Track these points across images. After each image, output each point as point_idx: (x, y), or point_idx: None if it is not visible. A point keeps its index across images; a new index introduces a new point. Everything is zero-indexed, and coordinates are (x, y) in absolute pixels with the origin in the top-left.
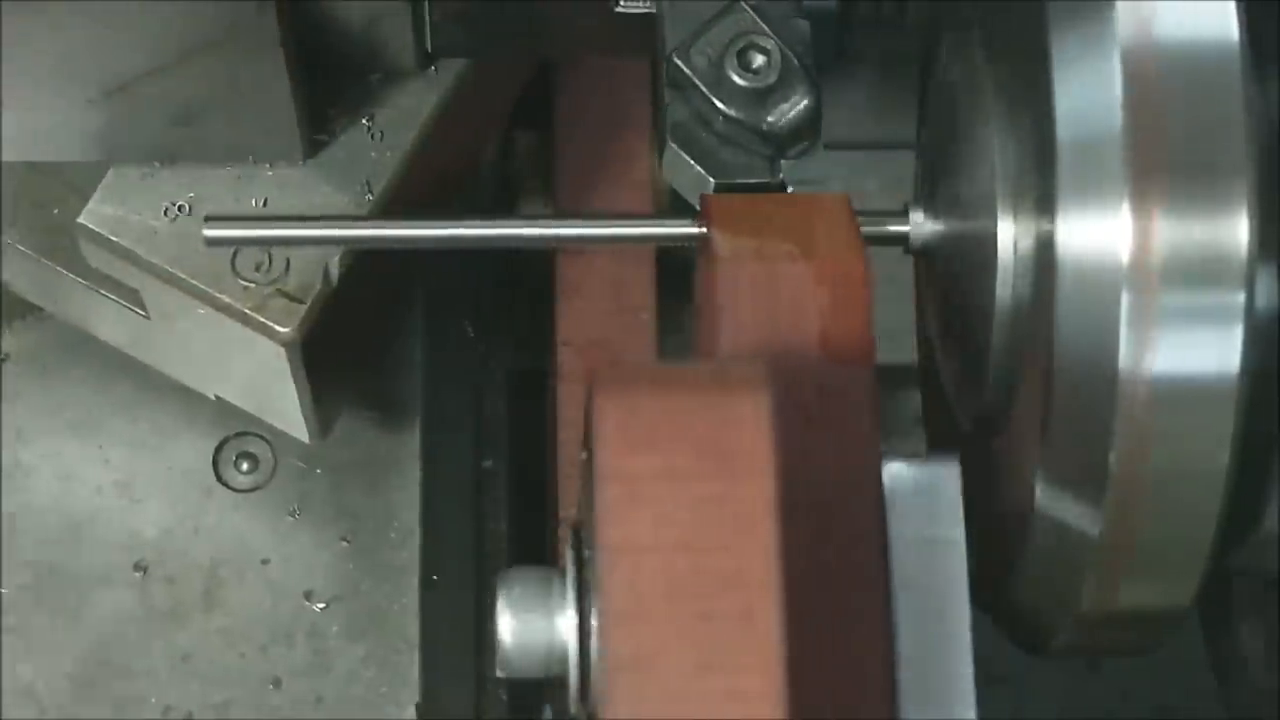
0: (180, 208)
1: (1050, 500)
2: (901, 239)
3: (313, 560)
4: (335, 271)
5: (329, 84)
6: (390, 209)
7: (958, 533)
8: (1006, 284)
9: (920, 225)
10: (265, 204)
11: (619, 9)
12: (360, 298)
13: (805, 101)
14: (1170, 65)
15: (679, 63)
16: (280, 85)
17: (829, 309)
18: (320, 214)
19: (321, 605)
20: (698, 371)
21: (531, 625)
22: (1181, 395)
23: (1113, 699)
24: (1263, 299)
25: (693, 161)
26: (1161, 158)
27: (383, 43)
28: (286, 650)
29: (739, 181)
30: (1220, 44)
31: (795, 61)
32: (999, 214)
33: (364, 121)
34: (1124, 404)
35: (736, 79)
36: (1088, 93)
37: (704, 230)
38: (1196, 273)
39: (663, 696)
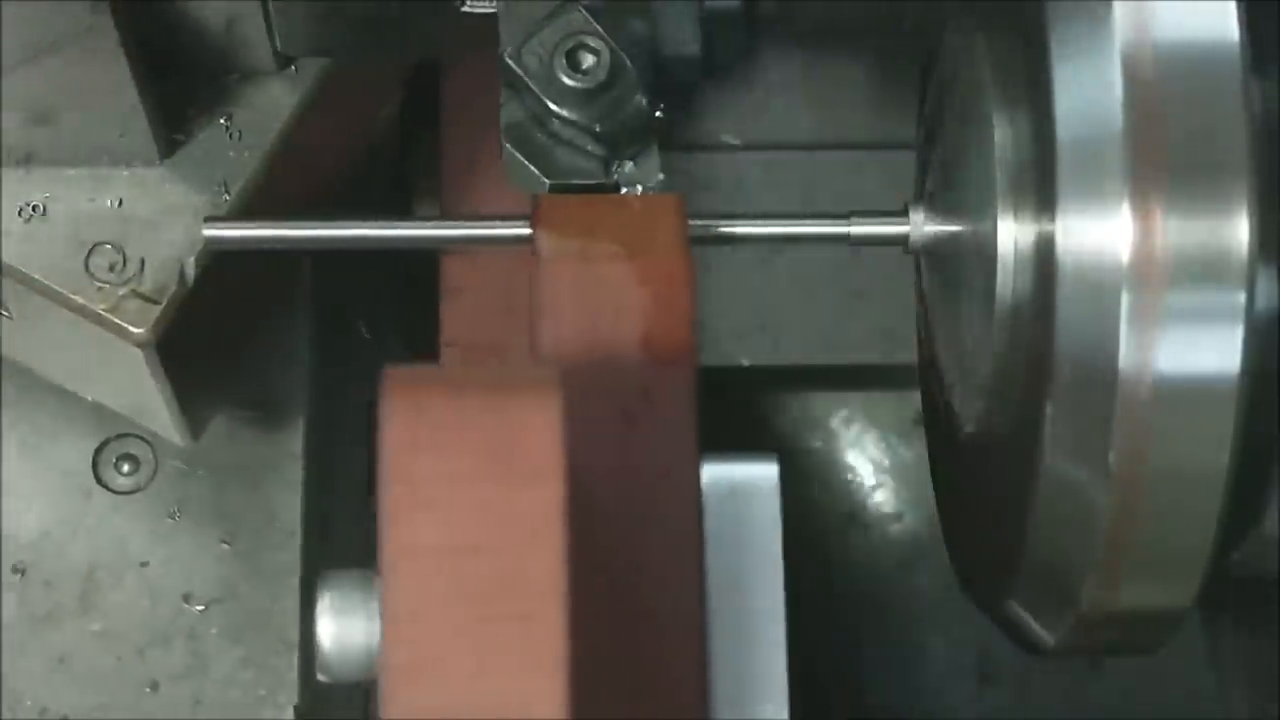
0: (35, 208)
1: (1050, 500)
2: (901, 239)
3: (192, 562)
4: (191, 272)
5: (185, 83)
6: (252, 209)
7: (774, 532)
8: (1006, 284)
9: (920, 225)
10: (120, 205)
11: (465, 9)
12: (227, 297)
13: (637, 102)
14: (1170, 65)
15: (510, 63)
16: (127, 86)
17: (651, 309)
18: (312, 216)
19: (200, 607)
20: (491, 374)
21: (351, 628)
22: (1181, 395)
23: (1113, 699)
24: (1263, 299)
25: (526, 162)
26: (1161, 158)
27: (240, 43)
28: (164, 653)
29: (573, 182)
30: (1220, 44)
31: (626, 63)
32: (999, 214)
33: (222, 121)
34: (1124, 404)
35: (566, 79)
36: (1088, 93)
37: (532, 231)
38: (1197, 273)
39: (442, 700)
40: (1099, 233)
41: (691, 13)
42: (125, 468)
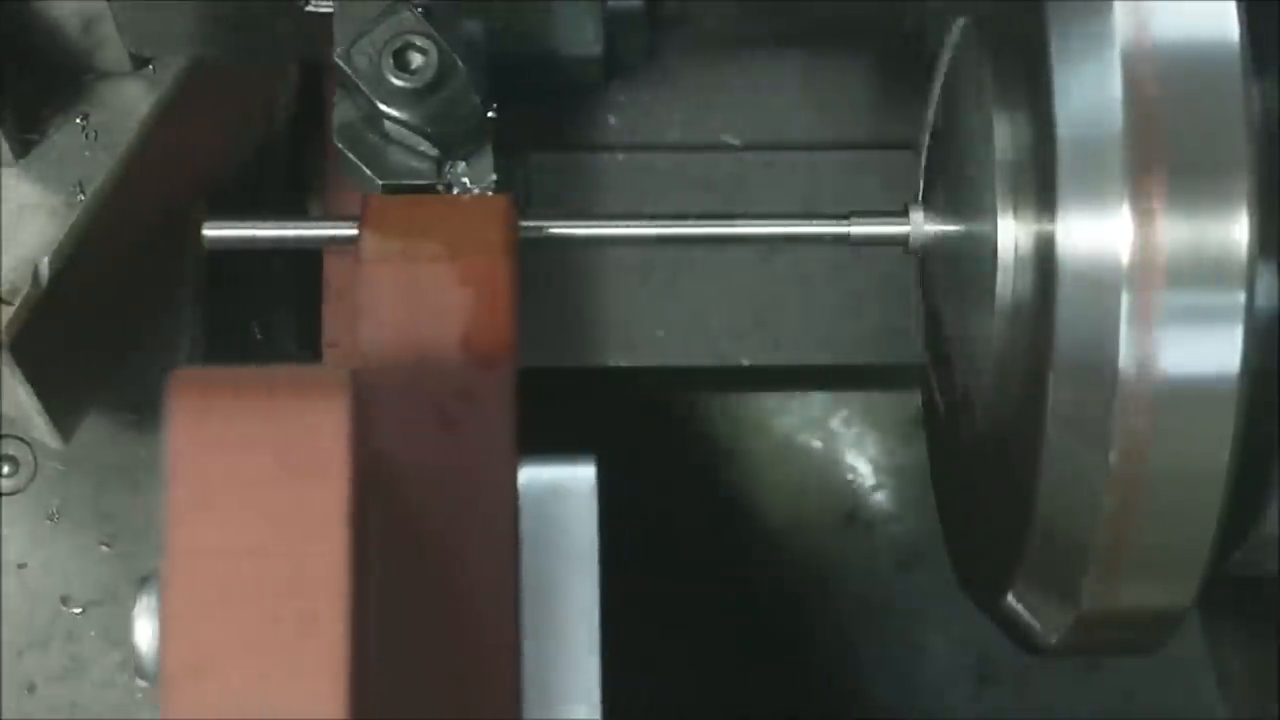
0: None
1: (1050, 500)
2: (902, 239)
3: (71, 565)
4: (46, 273)
5: (40, 83)
6: (112, 208)
7: (590, 534)
8: (1006, 284)
9: (920, 225)
10: None
11: (309, 9)
12: (94, 298)
13: (469, 103)
14: (1170, 65)
15: (340, 63)
16: None
17: (472, 310)
18: (311, 215)
19: (79, 610)
20: (281, 374)
21: None
22: (1181, 395)
23: (1113, 699)
24: (1263, 299)
25: (359, 162)
26: (1161, 158)
27: (95, 42)
28: (42, 655)
29: (405, 183)
30: (1220, 44)
31: (458, 63)
32: (999, 214)
33: (78, 121)
34: (1124, 404)
35: (394, 79)
36: (1088, 93)
37: (358, 231)
38: (1196, 272)
39: (220, 701)
40: (1099, 233)
41: (594, 12)
42: (4, 469)
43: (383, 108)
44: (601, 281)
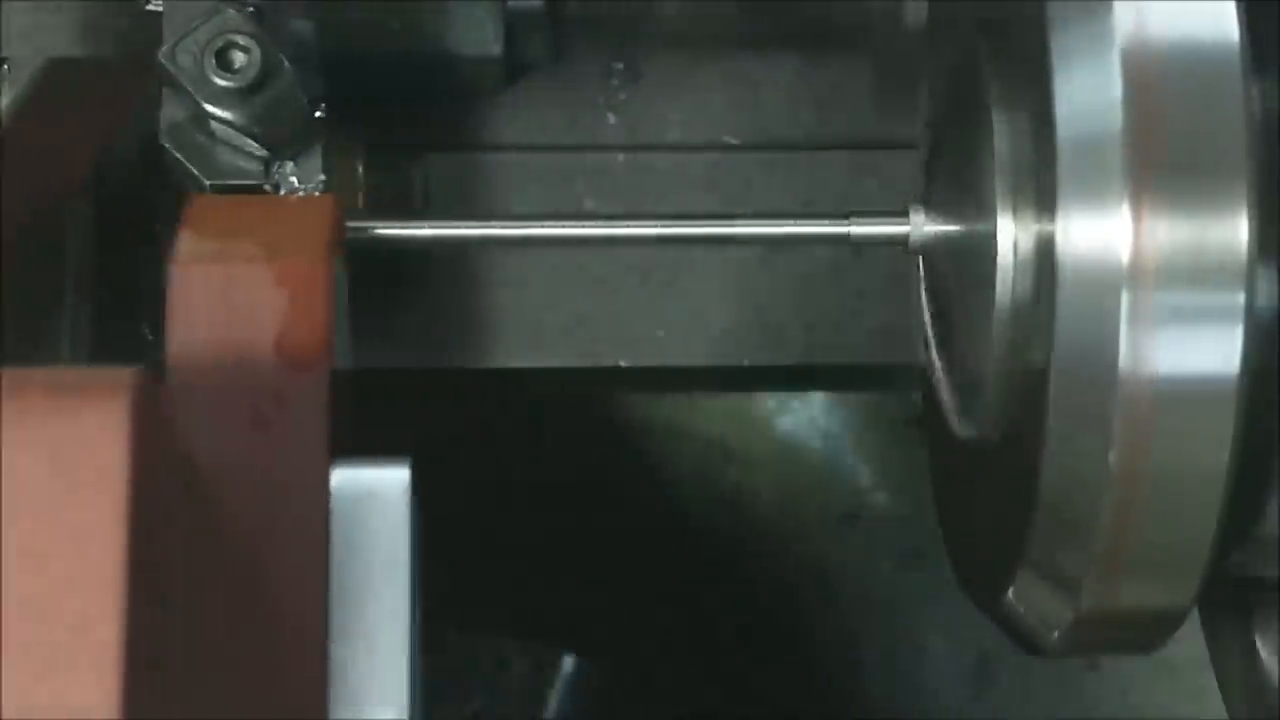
0: None
1: (1050, 500)
2: (902, 239)
3: None
4: None
5: None
6: None
7: (403, 538)
8: (1006, 284)
9: (920, 225)
10: None
11: (149, 8)
12: None
13: (296, 103)
14: (1170, 65)
15: (164, 62)
16: None
17: (287, 312)
18: None
19: None
20: (67, 375)
21: None
22: (1181, 395)
23: (1113, 699)
24: (1263, 299)
25: (186, 161)
26: (1161, 158)
27: None
28: None
29: (232, 183)
30: (1220, 44)
31: (283, 63)
32: (999, 214)
33: None
34: (1124, 404)
35: (217, 79)
36: (1088, 93)
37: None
38: (1196, 273)
39: None
40: (1099, 233)
41: (494, 12)
42: None
43: (207, 107)
44: (601, 281)
